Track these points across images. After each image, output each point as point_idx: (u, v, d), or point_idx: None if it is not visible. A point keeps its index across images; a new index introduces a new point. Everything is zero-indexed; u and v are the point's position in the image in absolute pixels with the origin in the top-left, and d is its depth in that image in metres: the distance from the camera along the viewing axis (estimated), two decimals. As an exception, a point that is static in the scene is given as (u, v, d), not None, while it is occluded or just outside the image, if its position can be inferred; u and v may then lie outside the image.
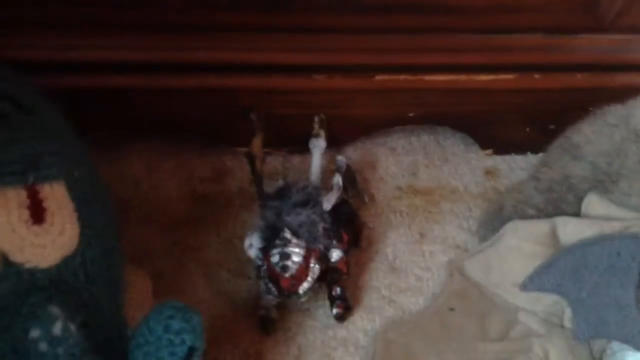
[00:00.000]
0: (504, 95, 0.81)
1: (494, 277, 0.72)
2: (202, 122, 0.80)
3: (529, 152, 0.86)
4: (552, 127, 0.82)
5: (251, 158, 0.71)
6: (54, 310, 0.50)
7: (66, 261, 0.53)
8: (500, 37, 0.77)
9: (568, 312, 0.68)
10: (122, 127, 0.80)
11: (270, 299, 0.69)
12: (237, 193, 0.81)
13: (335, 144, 0.82)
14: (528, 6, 0.75)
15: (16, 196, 0.52)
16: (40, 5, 0.73)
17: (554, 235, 0.70)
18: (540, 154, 0.83)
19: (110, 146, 0.80)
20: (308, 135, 0.81)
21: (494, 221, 0.76)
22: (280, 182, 0.74)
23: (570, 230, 0.69)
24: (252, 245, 0.69)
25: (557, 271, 0.68)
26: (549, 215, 0.73)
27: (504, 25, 0.77)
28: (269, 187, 0.73)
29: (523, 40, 0.78)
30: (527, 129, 0.84)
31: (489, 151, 0.86)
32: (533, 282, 0.69)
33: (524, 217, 0.74)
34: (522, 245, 0.71)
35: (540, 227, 0.71)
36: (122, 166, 0.81)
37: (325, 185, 0.76)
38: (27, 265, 0.52)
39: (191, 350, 0.52)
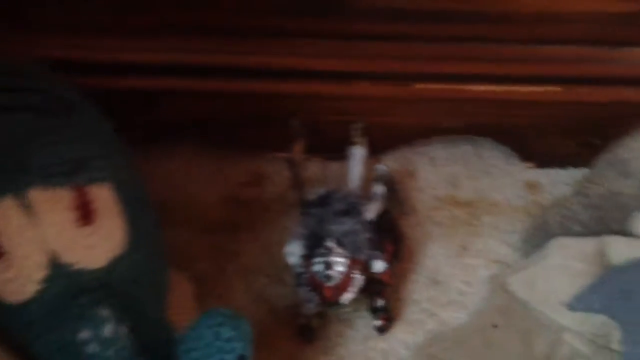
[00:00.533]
0: (547, 108, 0.80)
1: (539, 295, 0.70)
2: (242, 126, 0.80)
3: (571, 167, 0.84)
4: (596, 141, 0.81)
5: (292, 164, 0.70)
6: (104, 312, 0.50)
7: (114, 263, 0.53)
8: (547, 48, 0.76)
9: (617, 334, 0.66)
10: (163, 129, 0.79)
11: (311, 308, 0.68)
12: (275, 199, 0.80)
13: (374, 152, 0.81)
14: (577, 17, 0.74)
15: (65, 197, 0.51)
16: (86, 8, 0.73)
17: (602, 254, 0.69)
18: (583, 169, 0.81)
19: (149, 149, 0.79)
20: (347, 142, 0.80)
21: (538, 236, 0.74)
22: (321, 190, 0.73)
23: (620, 249, 0.67)
24: (293, 252, 0.68)
25: (606, 291, 0.66)
26: (595, 232, 0.71)
27: (550, 36, 0.76)
28: (308, 193, 0.72)
29: (570, 52, 0.76)
30: (571, 143, 0.83)
31: (531, 164, 0.84)
32: (581, 302, 0.67)
33: (570, 233, 0.72)
34: (569, 263, 0.69)
35: (588, 245, 0.69)
36: (161, 169, 0.80)
37: (364, 193, 0.74)
38: (76, 266, 0.52)
39: (240, 358, 0.51)
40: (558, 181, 0.83)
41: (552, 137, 0.82)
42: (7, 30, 0.73)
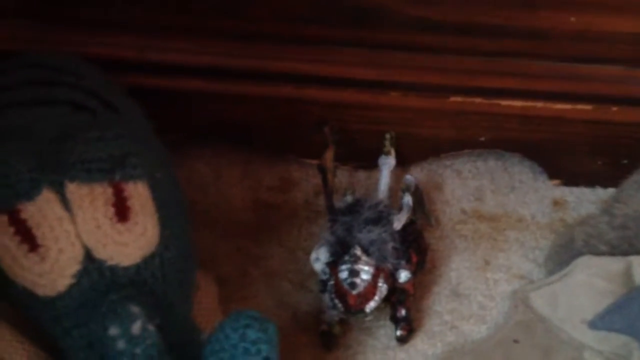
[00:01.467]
0: (578, 126, 0.80)
1: (561, 312, 0.70)
2: (272, 131, 0.80)
3: (598, 186, 0.84)
4: (625, 161, 0.81)
5: (323, 171, 0.71)
6: (134, 309, 0.50)
7: (146, 261, 0.54)
8: (581, 67, 0.76)
9: (638, 355, 0.66)
10: (194, 131, 0.80)
11: (334, 315, 0.69)
12: (302, 204, 0.80)
13: (402, 162, 0.82)
14: (613, 37, 0.74)
15: (103, 193, 0.52)
16: (125, 6, 0.74)
17: (627, 274, 0.69)
18: (610, 189, 0.81)
19: (179, 150, 0.80)
20: (376, 151, 0.81)
21: (563, 254, 0.74)
22: (348, 198, 0.74)
23: (646, 270, 0.67)
24: (319, 258, 0.69)
25: (630, 312, 0.66)
26: (622, 252, 0.71)
27: (586, 54, 0.76)
28: (336, 201, 0.73)
29: (604, 71, 0.76)
30: (599, 162, 0.82)
31: (557, 181, 0.84)
32: (603, 321, 0.67)
33: (596, 252, 0.72)
34: (593, 282, 0.69)
35: (614, 264, 0.69)
36: (190, 171, 0.81)
37: (392, 203, 0.75)
38: (109, 263, 0.53)
39: (266, 360, 0.52)
40: (584, 200, 0.83)
41: (581, 155, 0.82)
42: (52, 27, 0.74)
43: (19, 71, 0.60)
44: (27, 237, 0.52)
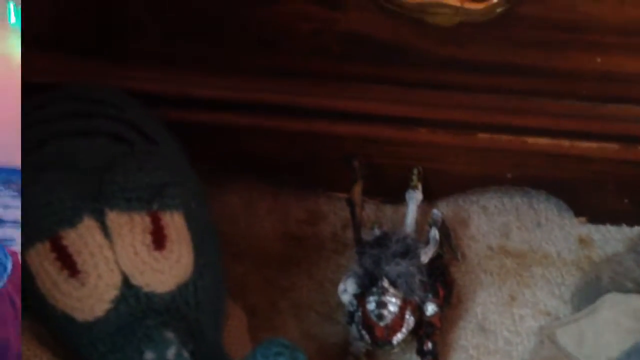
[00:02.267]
0: (605, 165, 0.80)
1: (587, 349, 0.70)
2: (302, 164, 0.82)
3: (624, 224, 0.84)
4: (651, 200, 0.81)
5: (351, 205, 0.72)
6: (169, 335, 0.52)
7: (180, 288, 0.55)
8: (608, 106, 0.77)
9: (664, 394, 0.66)
10: (226, 163, 0.82)
11: (361, 346, 0.70)
12: (330, 237, 0.81)
13: (429, 197, 0.83)
14: (639, 78, 0.75)
15: (141, 221, 0.54)
16: (162, 42, 0.76)
17: (654, 312, 0.69)
18: (636, 227, 0.81)
19: (210, 182, 0.82)
20: (403, 186, 0.82)
21: (589, 291, 0.75)
22: (376, 231, 0.75)
23: (672, 308, 0.67)
24: (347, 290, 0.70)
25: (657, 350, 0.66)
26: (649, 290, 0.71)
27: (612, 94, 0.76)
28: (364, 234, 0.74)
29: (630, 111, 0.77)
30: (625, 201, 0.83)
31: (583, 219, 0.85)
32: (629, 359, 0.67)
33: (622, 290, 0.72)
34: (620, 320, 0.69)
35: (640, 302, 0.69)
36: (220, 202, 0.82)
37: (418, 237, 0.76)
38: (146, 289, 0.54)
39: (296, 389, 0.53)
40: (610, 238, 0.83)
41: (608, 194, 0.83)
42: (93, 61, 0.77)
43: (61, 103, 0.63)
44: (68, 263, 0.54)
